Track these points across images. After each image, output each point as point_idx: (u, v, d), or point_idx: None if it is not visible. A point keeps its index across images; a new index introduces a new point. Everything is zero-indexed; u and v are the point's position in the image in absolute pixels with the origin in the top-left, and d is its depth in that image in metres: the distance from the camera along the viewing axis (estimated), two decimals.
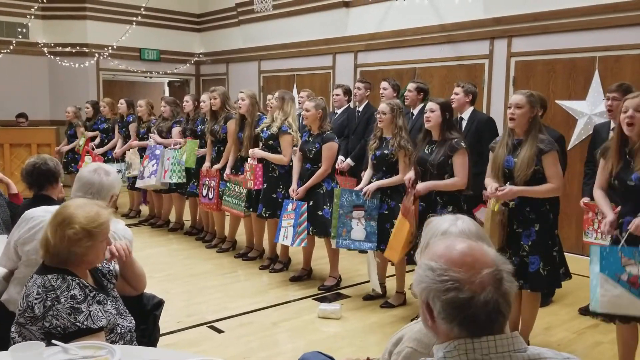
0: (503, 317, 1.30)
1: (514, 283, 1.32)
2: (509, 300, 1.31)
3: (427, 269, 1.33)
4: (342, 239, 4.57)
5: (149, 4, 10.02)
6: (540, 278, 3.48)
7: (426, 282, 1.32)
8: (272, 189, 5.30)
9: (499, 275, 1.29)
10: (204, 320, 4.26)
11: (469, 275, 1.27)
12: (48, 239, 2.10)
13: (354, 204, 4.53)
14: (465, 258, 1.30)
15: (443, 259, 1.31)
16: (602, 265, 2.92)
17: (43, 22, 10.30)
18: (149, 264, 5.25)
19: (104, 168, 2.78)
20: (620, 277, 2.89)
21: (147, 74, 11.27)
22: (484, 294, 1.26)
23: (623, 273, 2.89)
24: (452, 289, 1.27)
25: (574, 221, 5.89)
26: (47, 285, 2.05)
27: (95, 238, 2.12)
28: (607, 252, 2.96)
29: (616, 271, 2.90)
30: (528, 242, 3.48)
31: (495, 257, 1.33)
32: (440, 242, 1.40)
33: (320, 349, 2.42)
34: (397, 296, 4.61)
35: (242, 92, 5.65)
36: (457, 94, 5.02)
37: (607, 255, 2.94)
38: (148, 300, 2.66)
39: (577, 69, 6.05)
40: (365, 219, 4.50)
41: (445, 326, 1.31)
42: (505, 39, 6.63)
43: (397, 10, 7.73)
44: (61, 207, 2.18)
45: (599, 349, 3.81)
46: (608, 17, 5.72)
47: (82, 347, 1.94)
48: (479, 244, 1.37)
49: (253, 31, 10.16)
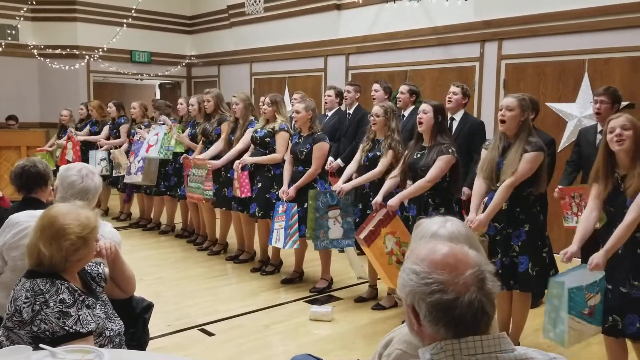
0: (488, 316, 1.31)
1: (497, 283, 1.34)
2: (493, 300, 1.33)
3: (410, 272, 1.34)
4: (320, 240, 4.61)
5: (139, 6, 9.99)
6: (529, 278, 3.50)
7: (410, 286, 1.33)
8: (266, 189, 5.29)
9: (481, 275, 1.31)
10: (195, 323, 4.24)
11: (453, 277, 1.29)
12: (42, 252, 2.07)
13: (329, 204, 4.57)
14: (447, 260, 1.32)
15: (426, 261, 1.33)
16: (570, 306, 2.89)
17: (33, 24, 10.24)
18: (140, 267, 5.22)
19: (87, 168, 2.76)
20: (583, 313, 2.91)
21: (138, 76, 11.23)
22: (468, 294, 1.28)
23: (585, 308, 2.91)
24: (436, 291, 1.28)
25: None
26: (36, 289, 2.04)
27: (90, 243, 2.16)
28: (574, 293, 2.90)
29: (581, 309, 2.92)
30: (518, 242, 3.50)
31: (477, 258, 1.35)
32: (423, 245, 1.41)
33: (312, 352, 2.42)
34: (388, 298, 4.62)
35: (234, 97, 5.65)
36: (455, 93, 5.04)
37: (575, 296, 2.90)
38: (137, 303, 2.65)
39: (567, 71, 6.08)
40: (342, 217, 4.55)
41: (431, 329, 1.31)
42: (495, 41, 6.66)
43: (388, 13, 7.75)
44: (49, 218, 2.13)
45: (588, 350, 3.83)
46: (597, 20, 5.76)
47: (70, 351, 1.93)
48: (460, 246, 1.39)
49: (244, 33, 10.15)
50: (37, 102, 10.39)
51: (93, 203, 2.66)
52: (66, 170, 2.75)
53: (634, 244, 2.95)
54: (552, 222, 5.48)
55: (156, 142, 6.47)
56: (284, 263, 5.58)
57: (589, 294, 2.92)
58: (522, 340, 3.80)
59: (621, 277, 2.96)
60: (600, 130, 4.26)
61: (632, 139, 2.91)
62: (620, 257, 2.98)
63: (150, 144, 6.52)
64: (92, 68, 10.54)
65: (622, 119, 2.97)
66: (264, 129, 5.32)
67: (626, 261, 2.96)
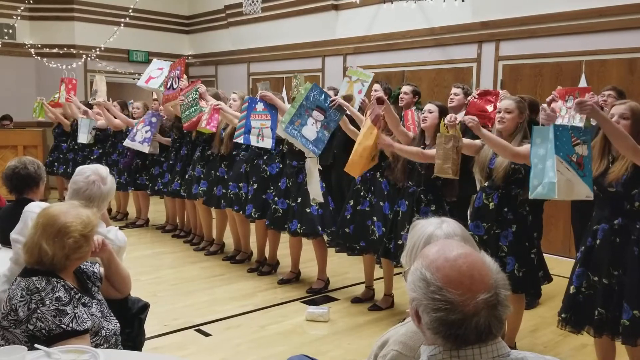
0: (493, 335, 1.26)
1: (509, 307, 1.27)
2: (502, 320, 1.26)
3: (421, 279, 1.27)
4: (292, 127, 4.29)
5: (137, 5, 9.98)
6: (515, 279, 3.48)
7: (418, 293, 1.27)
8: (262, 189, 5.28)
9: (494, 301, 1.24)
10: (191, 323, 4.23)
11: (464, 299, 1.21)
12: (44, 249, 2.07)
13: (318, 104, 4.36)
14: (462, 279, 1.23)
15: (440, 273, 1.25)
16: (557, 145, 2.74)
17: (30, 23, 10.22)
18: (136, 267, 5.22)
19: (99, 174, 2.62)
20: (571, 158, 2.77)
21: (136, 75, 11.20)
22: (476, 318, 1.22)
23: (573, 154, 2.78)
24: (443, 309, 1.22)
25: (560, 224, 5.93)
26: (32, 288, 2.04)
27: (90, 241, 2.18)
28: (559, 132, 2.78)
29: (568, 152, 2.77)
30: (506, 242, 3.51)
31: (495, 278, 1.27)
32: (439, 246, 1.33)
33: (308, 352, 2.42)
34: (385, 299, 4.62)
35: (234, 93, 5.66)
36: (456, 94, 5.05)
37: (560, 135, 2.77)
38: (133, 303, 2.64)
39: (564, 72, 6.10)
40: (322, 125, 4.36)
41: (431, 336, 1.29)
42: (493, 42, 6.68)
43: (386, 14, 7.75)
44: (50, 217, 2.12)
45: (584, 351, 3.84)
46: (594, 21, 5.78)
47: (66, 351, 1.93)
48: (481, 258, 1.30)
49: (242, 33, 10.15)
50: (35, 102, 10.35)
51: (102, 208, 2.61)
52: (76, 175, 2.64)
53: (612, 234, 2.98)
54: (549, 224, 5.52)
55: (159, 75, 6.23)
56: (281, 264, 5.58)
57: (575, 138, 2.79)
58: (518, 341, 3.81)
59: (604, 269, 2.97)
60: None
61: (629, 128, 2.93)
62: (599, 248, 3.00)
63: (151, 76, 6.39)
64: (89, 67, 10.53)
65: (623, 107, 2.99)
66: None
67: (605, 251, 2.98)
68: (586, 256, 3.09)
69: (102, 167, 2.70)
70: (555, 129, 2.79)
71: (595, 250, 3.04)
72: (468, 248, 1.34)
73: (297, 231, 4.90)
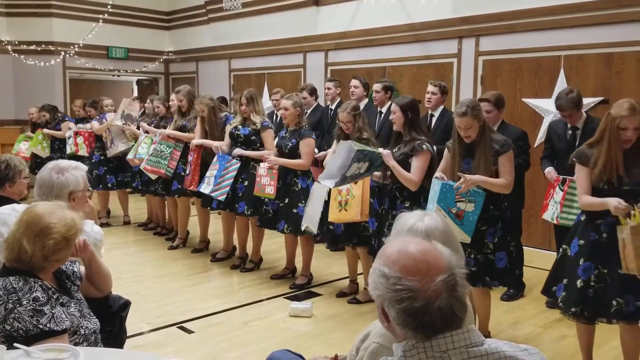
0: (458, 318, 1.30)
1: (467, 287, 1.34)
2: (464, 302, 1.32)
3: (380, 275, 1.32)
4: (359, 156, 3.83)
5: (115, 1, 9.87)
6: (508, 273, 3.54)
7: (380, 290, 1.32)
8: (253, 187, 5.24)
9: (452, 281, 1.30)
10: (174, 321, 4.22)
11: (423, 284, 1.27)
12: (24, 247, 2.05)
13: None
14: (418, 266, 1.29)
15: (397, 265, 1.30)
16: (440, 198, 3.39)
17: (7, 20, 10.04)
18: (118, 265, 5.18)
19: (58, 165, 2.65)
20: (450, 210, 3.38)
21: (115, 72, 11.10)
22: (438, 301, 1.27)
23: (454, 207, 3.39)
24: (406, 298, 1.27)
25: (540, 218, 5.98)
26: (9, 288, 2.02)
27: (71, 245, 2.16)
28: (446, 189, 3.41)
29: (449, 205, 3.39)
30: (493, 239, 3.52)
31: (449, 260, 1.33)
32: (394, 244, 1.38)
33: (291, 348, 2.42)
34: (365, 292, 4.62)
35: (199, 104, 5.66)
36: (434, 93, 5.06)
37: (446, 192, 3.40)
38: (114, 301, 2.62)
39: (543, 67, 6.15)
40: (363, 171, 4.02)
41: (400, 330, 1.32)
42: (472, 38, 6.71)
43: (366, 9, 7.76)
44: (34, 215, 2.10)
45: (564, 342, 3.89)
46: (572, 16, 5.83)
47: (45, 349, 1.91)
48: (433, 246, 1.36)
49: (223, 29, 10.08)
50: (12, 99, 10.19)
51: (66, 198, 2.59)
52: (41, 171, 2.68)
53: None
54: (529, 217, 5.57)
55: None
56: (264, 260, 5.57)
57: (460, 197, 3.39)
58: (499, 334, 3.85)
59: (616, 260, 2.97)
60: (570, 126, 4.33)
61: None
62: (609, 241, 3.02)
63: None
64: (68, 64, 10.38)
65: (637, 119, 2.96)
66: (247, 126, 5.26)
67: (615, 243, 2.97)
68: (592, 250, 3.08)
69: (66, 161, 2.72)
70: (443, 185, 3.43)
71: (604, 244, 3.04)
72: (420, 240, 1.40)
73: (285, 231, 4.90)
